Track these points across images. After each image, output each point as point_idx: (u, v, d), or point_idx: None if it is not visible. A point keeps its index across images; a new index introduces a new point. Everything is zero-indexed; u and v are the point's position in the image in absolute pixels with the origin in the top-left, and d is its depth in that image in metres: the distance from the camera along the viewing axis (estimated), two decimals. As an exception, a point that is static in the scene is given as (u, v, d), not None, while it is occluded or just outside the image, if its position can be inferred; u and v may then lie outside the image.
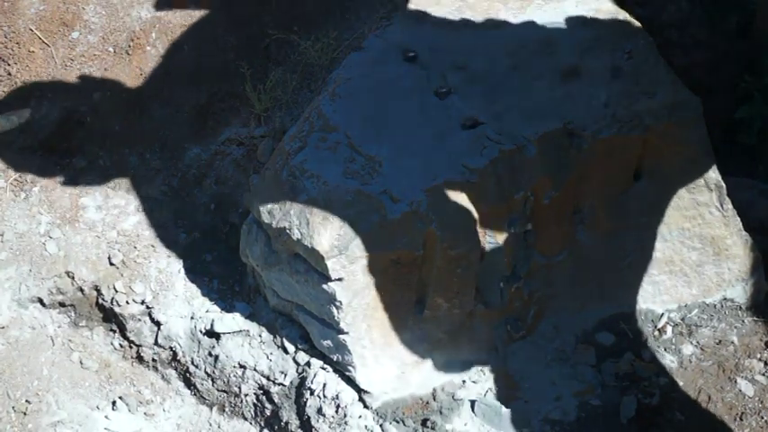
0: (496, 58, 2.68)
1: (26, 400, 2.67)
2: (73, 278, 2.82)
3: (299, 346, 2.61)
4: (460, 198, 2.40)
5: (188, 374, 2.74)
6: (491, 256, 2.50)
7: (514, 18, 2.76)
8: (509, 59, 2.67)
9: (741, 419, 2.51)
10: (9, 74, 3.10)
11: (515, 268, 2.58)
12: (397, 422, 2.53)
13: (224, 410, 2.72)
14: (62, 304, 2.82)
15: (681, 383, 2.58)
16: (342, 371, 2.55)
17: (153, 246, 2.87)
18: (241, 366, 2.64)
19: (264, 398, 2.63)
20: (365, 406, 2.54)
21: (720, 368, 2.61)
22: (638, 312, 2.72)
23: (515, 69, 2.65)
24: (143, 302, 2.77)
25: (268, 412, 2.63)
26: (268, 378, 2.61)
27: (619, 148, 2.56)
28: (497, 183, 2.44)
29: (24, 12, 3.16)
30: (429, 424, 2.53)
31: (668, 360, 2.63)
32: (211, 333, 2.70)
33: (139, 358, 2.79)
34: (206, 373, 2.70)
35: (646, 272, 2.72)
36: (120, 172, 3.00)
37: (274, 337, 2.66)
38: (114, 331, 2.83)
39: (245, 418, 2.70)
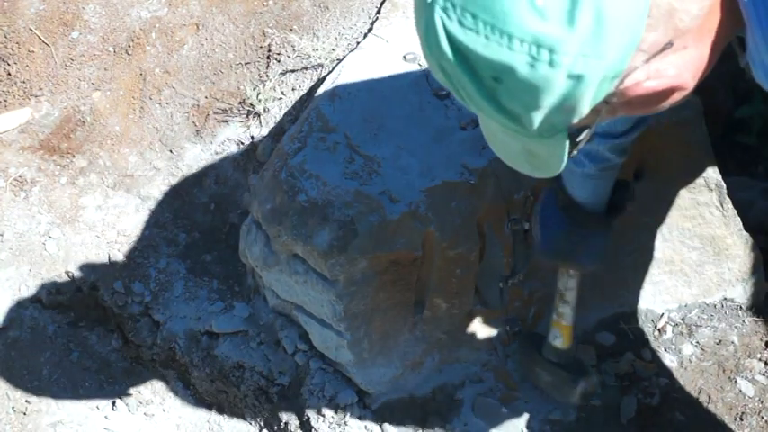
0: (496, 58, 2.67)
1: (26, 401, 2.67)
2: (72, 278, 2.82)
3: (299, 347, 2.61)
4: (459, 198, 2.40)
5: (187, 374, 2.74)
6: (490, 256, 2.50)
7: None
8: (509, 59, 2.66)
9: (741, 419, 2.50)
10: (9, 74, 3.10)
11: (515, 268, 2.57)
12: (397, 422, 2.53)
13: (223, 411, 2.72)
14: (61, 304, 2.83)
15: (681, 383, 2.57)
16: (341, 371, 2.55)
17: (153, 246, 2.88)
18: (240, 366, 2.64)
19: (264, 398, 2.63)
20: (365, 406, 2.54)
21: (720, 368, 2.60)
22: (638, 312, 2.72)
23: (515, 69, 2.64)
24: (142, 302, 2.77)
25: (267, 413, 2.63)
26: (267, 378, 2.61)
27: (618, 147, 2.55)
28: (497, 183, 2.44)
29: (24, 12, 3.16)
30: (429, 424, 2.53)
31: (668, 360, 2.62)
32: (211, 333, 2.70)
33: (139, 358, 2.79)
34: (205, 373, 2.70)
35: (646, 272, 2.72)
36: (120, 172, 3.00)
37: (274, 337, 2.66)
38: (113, 331, 2.83)
39: (245, 419, 2.69)
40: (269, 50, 3.04)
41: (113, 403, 2.73)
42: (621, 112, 1.37)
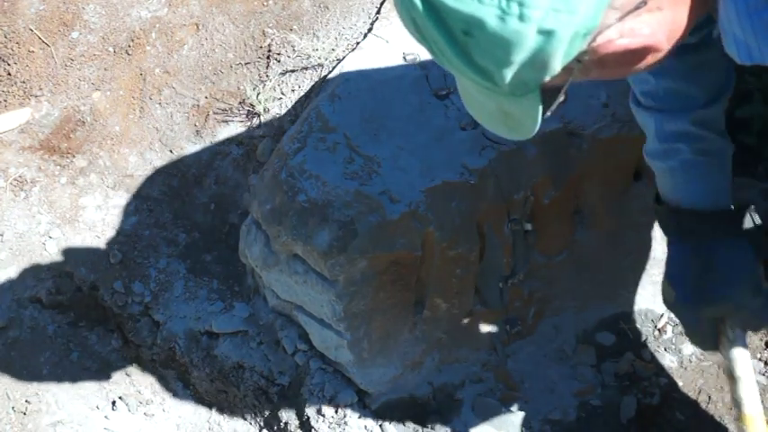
0: (496, 58, 2.67)
1: (26, 400, 2.67)
2: (72, 278, 2.82)
3: (299, 347, 2.61)
4: (459, 198, 2.40)
5: (187, 374, 2.74)
6: (490, 256, 2.49)
7: (514, 18, 2.75)
8: (509, 59, 2.66)
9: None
10: (9, 74, 3.11)
11: (515, 268, 2.58)
12: (397, 423, 2.53)
13: (223, 411, 2.72)
14: (61, 304, 2.83)
15: (681, 383, 2.57)
16: (341, 371, 2.55)
17: (153, 246, 2.87)
18: (240, 366, 2.64)
19: (264, 398, 2.63)
20: (364, 406, 2.54)
21: (720, 368, 2.60)
22: (638, 312, 2.71)
23: (515, 69, 2.64)
24: (142, 302, 2.77)
25: (267, 413, 2.63)
26: (267, 378, 2.61)
27: (619, 147, 2.55)
28: (497, 183, 2.44)
29: (24, 12, 3.16)
30: (429, 424, 2.53)
31: (668, 360, 2.62)
32: (210, 333, 2.70)
33: (139, 358, 2.79)
34: (205, 373, 2.70)
35: (646, 272, 2.72)
36: (120, 172, 3.00)
37: (274, 337, 2.65)
38: (113, 331, 2.83)
39: (245, 419, 2.69)
40: (269, 50, 3.04)
41: (113, 403, 2.73)
42: (595, 73, 1.36)
